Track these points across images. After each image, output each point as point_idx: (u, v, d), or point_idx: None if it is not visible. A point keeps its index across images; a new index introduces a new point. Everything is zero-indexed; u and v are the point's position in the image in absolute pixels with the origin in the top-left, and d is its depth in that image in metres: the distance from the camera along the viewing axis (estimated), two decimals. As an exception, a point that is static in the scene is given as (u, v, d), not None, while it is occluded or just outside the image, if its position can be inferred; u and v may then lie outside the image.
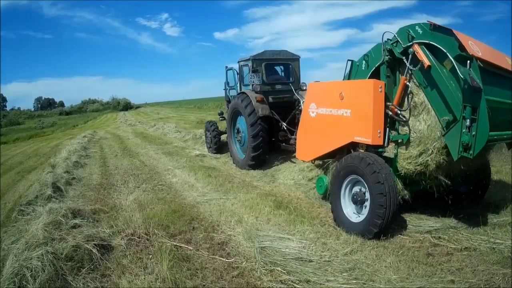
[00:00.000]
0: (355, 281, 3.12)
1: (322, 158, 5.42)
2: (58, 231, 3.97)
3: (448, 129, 3.72)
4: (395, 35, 4.21)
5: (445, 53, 3.67)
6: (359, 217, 4.23)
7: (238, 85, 9.04)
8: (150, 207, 5.38)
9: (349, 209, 4.37)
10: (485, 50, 3.78)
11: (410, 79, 4.15)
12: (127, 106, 67.81)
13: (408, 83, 4.14)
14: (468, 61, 3.44)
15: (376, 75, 4.49)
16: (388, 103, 4.30)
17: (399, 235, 4.06)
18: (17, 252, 3.41)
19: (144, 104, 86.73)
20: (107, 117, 48.69)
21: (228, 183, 6.82)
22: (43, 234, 3.76)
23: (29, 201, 5.60)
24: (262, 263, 3.43)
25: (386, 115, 4.31)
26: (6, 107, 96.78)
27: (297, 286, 3.06)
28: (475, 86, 3.33)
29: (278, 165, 7.91)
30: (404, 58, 4.10)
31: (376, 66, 4.47)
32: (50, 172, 7.58)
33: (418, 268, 3.30)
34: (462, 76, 3.46)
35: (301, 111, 6.10)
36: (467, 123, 3.47)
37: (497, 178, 6.03)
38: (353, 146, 4.66)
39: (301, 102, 7.09)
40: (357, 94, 4.45)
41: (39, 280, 2.99)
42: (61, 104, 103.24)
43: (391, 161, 4.30)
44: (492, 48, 4.11)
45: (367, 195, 4.07)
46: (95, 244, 3.72)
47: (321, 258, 3.55)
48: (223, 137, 10.20)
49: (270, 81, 8.30)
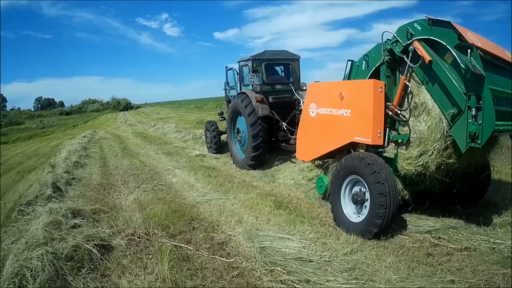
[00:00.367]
0: (355, 281, 3.12)
1: (322, 158, 5.42)
2: (58, 231, 3.97)
3: (454, 122, 3.71)
4: (394, 35, 4.22)
5: (445, 46, 3.68)
6: (359, 217, 4.23)
7: (238, 85, 9.04)
8: (150, 207, 5.38)
9: (349, 209, 4.37)
10: (484, 42, 3.81)
11: (410, 79, 4.15)
12: (127, 106, 67.82)
13: (408, 83, 4.15)
14: (469, 50, 3.46)
15: (376, 75, 4.49)
16: (388, 103, 4.30)
17: (399, 235, 4.06)
18: (17, 252, 3.41)
19: (144, 104, 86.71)
20: (107, 117, 48.68)
21: (228, 183, 6.82)
22: (43, 234, 3.76)
23: (29, 201, 5.60)
24: (262, 263, 3.43)
25: (386, 115, 4.31)
26: (6, 107, 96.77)
27: (297, 286, 3.06)
28: (478, 73, 3.34)
29: (278, 165, 7.91)
30: (405, 56, 4.10)
31: (376, 66, 4.47)
32: (50, 172, 7.58)
33: (418, 268, 3.30)
34: (464, 65, 3.47)
35: (301, 111, 6.10)
36: (473, 113, 3.47)
37: (497, 178, 6.03)
38: (353, 146, 4.65)
39: (301, 102, 7.08)
40: (357, 94, 4.45)
41: (39, 280, 2.99)
42: (61, 104, 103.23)
43: (391, 161, 4.30)
44: (491, 42, 4.13)
45: (367, 195, 4.07)
46: (95, 244, 3.72)
47: (321, 258, 3.55)
48: (223, 137, 10.20)
49: (270, 81, 8.30)
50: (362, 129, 4.34)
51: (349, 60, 4.93)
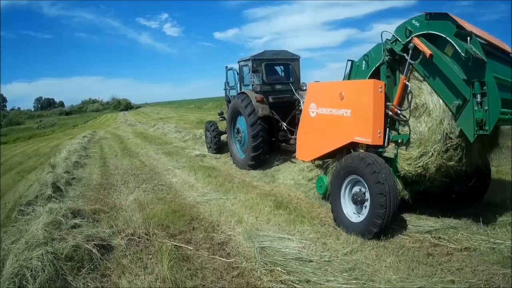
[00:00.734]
0: (355, 281, 3.11)
1: (322, 158, 5.42)
2: (58, 231, 3.97)
3: (460, 112, 3.70)
4: (393, 35, 4.22)
5: (445, 38, 3.70)
6: (359, 217, 4.23)
7: (238, 85, 9.05)
8: (150, 207, 5.38)
9: (349, 209, 4.37)
10: (483, 34, 3.84)
11: (410, 78, 4.15)
12: (127, 106, 67.87)
13: (407, 82, 4.15)
14: (468, 37, 3.48)
15: (376, 75, 4.49)
16: (388, 103, 4.30)
17: (399, 235, 4.06)
18: (17, 252, 3.41)
19: (144, 104, 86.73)
20: (107, 117, 48.68)
21: (228, 183, 6.82)
22: (43, 234, 3.77)
23: (29, 201, 5.60)
24: (262, 263, 3.43)
25: (386, 115, 4.31)
26: (6, 107, 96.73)
27: (297, 286, 3.06)
28: (479, 58, 3.36)
29: (278, 165, 7.91)
30: (405, 55, 4.11)
31: (376, 66, 4.47)
32: (50, 172, 7.59)
33: (418, 268, 3.30)
34: (464, 53, 3.48)
35: (301, 111, 6.11)
36: (478, 99, 3.47)
37: (497, 178, 6.03)
38: (353, 146, 4.65)
39: (301, 102, 7.09)
40: (357, 94, 4.45)
41: (39, 280, 2.99)
42: (61, 104, 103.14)
43: (391, 161, 4.30)
44: (490, 35, 4.15)
45: (367, 195, 4.07)
46: (95, 244, 3.72)
47: (321, 258, 3.55)
48: (223, 137, 10.20)
49: (270, 81, 8.30)
50: (362, 129, 4.34)
51: (349, 60, 4.93)
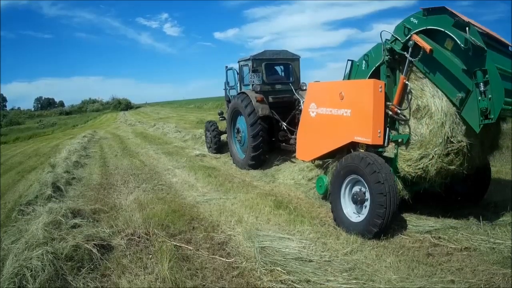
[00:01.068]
0: (355, 281, 3.11)
1: (322, 158, 5.42)
2: (58, 231, 3.97)
3: (464, 104, 3.71)
4: (393, 34, 4.23)
5: (444, 31, 3.72)
6: (359, 217, 4.23)
7: (238, 85, 9.04)
8: (150, 207, 5.37)
9: (349, 209, 4.37)
10: (481, 27, 3.84)
11: (409, 78, 4.16)
12: (127, 106, 67.91)
13: (407, 82, 4.15)
14: (466, 28, 3.51)
15: (376, 75, 4.50)
16: (388, 103, 4.30)
17: (399, 235, 4.06)
18: (17, 252, 3.41)
19: (144, 104, 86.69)
20: (107, 117, 48.68)
21: (228, 183, 6.82)
22: (43, 234, 3.77)
23: (29, 201, 5.61)
24: (262, 263, 3.43)
25: (386, 114, 4.31)
26: (6, 107, 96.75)
27: (297, 286, 3.06)
28: (479, 46, 3.38)
29: (278, 165, 7.91)
30: (405, 53, 4.11)
31: (376, 66, 4.47)
32: (50, 172, 7.58)
33: (418, 268, 3.30)
34: (464, 43, 3.49)
35: (301, 111, 6.10)
36: (481, 88, 3.48)
37: (497, 178, 6.03)
38: (353, 146, 4.65)
39: (301, 102, 7.09)
40: (357, 94, 4.45)
41: (39, 280, 2.99)
42: (61, 104, 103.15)
43: (391, 161, 4.30)
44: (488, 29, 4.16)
45: (367, 195, 4.07)
46: (95, 244, 3.72)
47: (321, 258, 3.55)
48: (223, 137, 10.20)
49: (270, 81, 8.30)
50: (362, 129, 4.34)
51: (349, 60, 4.93)
